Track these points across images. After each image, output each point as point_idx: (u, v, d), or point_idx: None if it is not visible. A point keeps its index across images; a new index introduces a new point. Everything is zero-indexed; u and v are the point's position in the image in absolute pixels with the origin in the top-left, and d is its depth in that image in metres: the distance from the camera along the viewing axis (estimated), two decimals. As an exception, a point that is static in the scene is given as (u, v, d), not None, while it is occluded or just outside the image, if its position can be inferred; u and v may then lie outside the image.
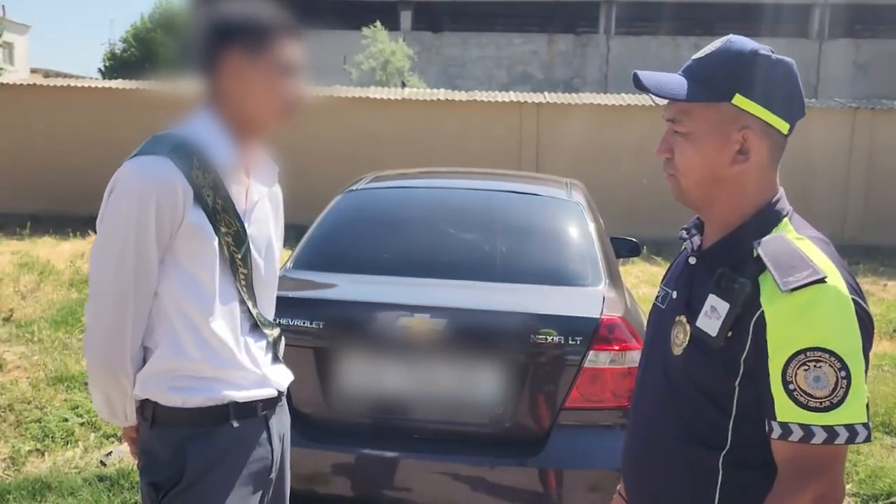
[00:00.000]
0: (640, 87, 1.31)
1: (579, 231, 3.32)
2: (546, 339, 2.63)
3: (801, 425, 1.17)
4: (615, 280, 3.08)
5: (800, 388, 1.17)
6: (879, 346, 5.96)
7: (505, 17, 29.71)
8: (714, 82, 1.28)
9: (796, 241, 1.25)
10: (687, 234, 1.43)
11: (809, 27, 26.48)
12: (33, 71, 33.94)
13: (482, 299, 2.87)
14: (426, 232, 3.41)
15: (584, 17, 28.42)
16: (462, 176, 4.39)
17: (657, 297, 1.50)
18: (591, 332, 2.61)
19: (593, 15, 27.61)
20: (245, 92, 1.56)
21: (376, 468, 2.74)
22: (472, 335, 2.70)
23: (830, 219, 12.04)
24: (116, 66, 30.08)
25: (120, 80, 13.32)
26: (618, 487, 1.67)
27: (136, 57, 30.15)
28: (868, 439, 1.18)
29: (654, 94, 1.29)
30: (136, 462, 1.68)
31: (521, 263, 3.23)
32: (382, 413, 2.78)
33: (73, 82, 13.21)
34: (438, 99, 12.45)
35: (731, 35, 1.34)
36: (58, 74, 28.14)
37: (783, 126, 1.29)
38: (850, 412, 1.16)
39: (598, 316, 2.66)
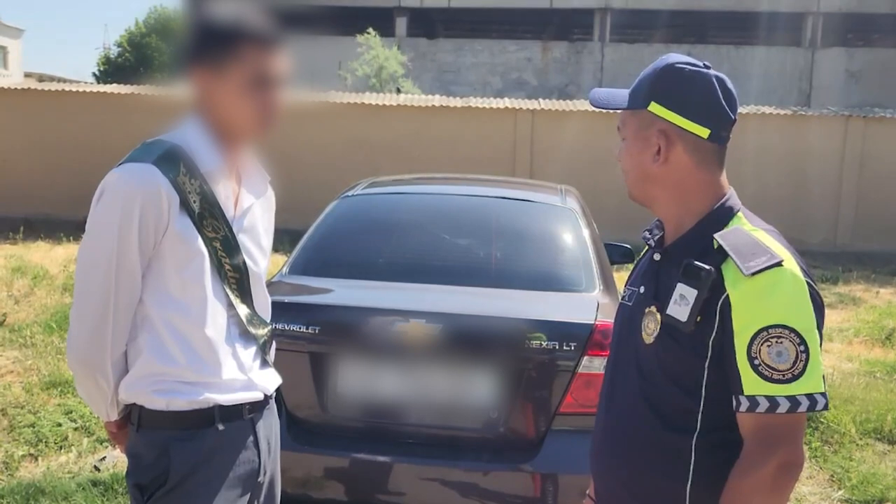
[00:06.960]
0: (594, 103, 1.49)
1: (574, 237, 3.33)
2: (541, 344, 2.64)
3: (767, 397, 1.26)
4: (609, 286, 3.09)
5: (764, 363, 1.27)
6: (872, 352, 5.97)
7: (499, 24, 29.76)
8: (637, 93, 1.44)
9: (752, 232, 1.37)
10: (649, 234, 1.56)
11: (802, 36, 26.58)
12: (27, 75, 33.89)
13: (477, 305, 2.88)
14: (421, 237, 3.42)
15: (578, 25, 28.49)
16: (457, 182, 4.40)
17: (623, 296, 1.59)
18: (586, 338, 2.63)
19: (588, 22, 27.68)
20: (216, 103, 1.56)
21: (371, 472, 2.74)
22: (467, 340, 2.71)
23: (822, 225, 12.13)
24: (111, 70, 30.08)
25: (114, 85, 13.29)
26: (587, 491, 1.69)
27: (130, 62, 30.15)
28: (826, 407, 1.27)
29: (602, 107, 1.48)
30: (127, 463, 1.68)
31: (515, 269, 3.24)
32: (377, 417, 2.78)
33: (67, 86, 13.20)
34: (433, 105, 12.46)
35: (670, 53, 1.48)
36: (52, 78, 28.13)
37: (701, 131, 1.39)
38: (810, 383, 1.26)
39: (593, 321, 2.68)
